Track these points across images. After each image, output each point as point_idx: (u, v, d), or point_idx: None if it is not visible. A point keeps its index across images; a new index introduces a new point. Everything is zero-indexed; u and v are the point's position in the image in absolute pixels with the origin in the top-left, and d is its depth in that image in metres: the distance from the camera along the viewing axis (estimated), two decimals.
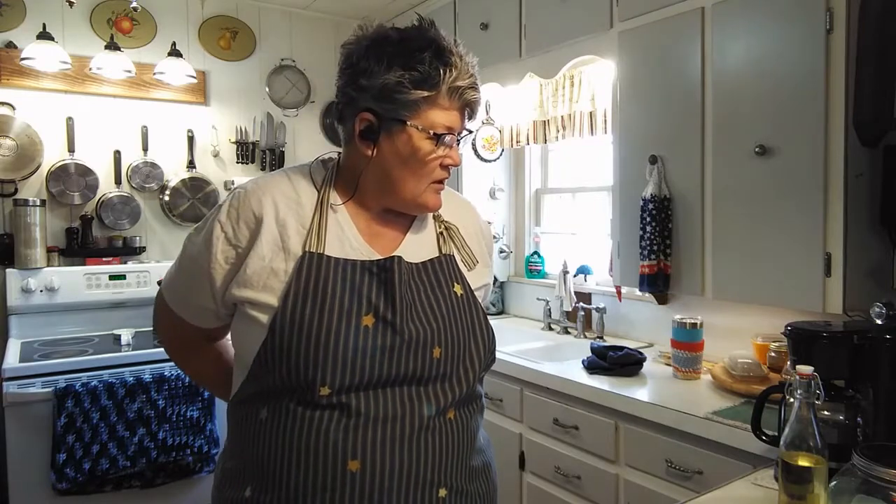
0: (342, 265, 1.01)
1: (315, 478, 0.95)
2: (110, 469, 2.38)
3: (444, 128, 1.01)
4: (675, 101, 2.07)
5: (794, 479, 1.05)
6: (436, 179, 1.05)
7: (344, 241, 1.03)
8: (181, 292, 1.12)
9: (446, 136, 1.02)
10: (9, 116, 2.80)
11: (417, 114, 1.00)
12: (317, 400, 0.95)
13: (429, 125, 1.00)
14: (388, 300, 1.00)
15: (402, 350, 0.99)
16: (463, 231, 1.15)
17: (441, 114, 1.01)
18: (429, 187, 1.05)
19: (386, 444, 0.96)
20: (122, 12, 3.08)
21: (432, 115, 1.00)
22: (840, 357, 1.28)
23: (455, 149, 1.05)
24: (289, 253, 1.00)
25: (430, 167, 1.03)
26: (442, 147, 1.02)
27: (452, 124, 1.02)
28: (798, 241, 1.77)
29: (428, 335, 1.01)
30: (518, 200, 3.36)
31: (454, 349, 1.03)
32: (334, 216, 1.05)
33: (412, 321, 1.00)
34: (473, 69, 1.03)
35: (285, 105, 3.54)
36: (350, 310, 0.98)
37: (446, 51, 1.00)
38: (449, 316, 1.04)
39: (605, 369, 2.13)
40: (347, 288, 0.99)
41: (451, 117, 1.02)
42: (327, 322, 0.96)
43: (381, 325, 0.98)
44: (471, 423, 1.07)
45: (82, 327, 2.94)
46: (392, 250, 1.05)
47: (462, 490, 1.04)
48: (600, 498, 1.99)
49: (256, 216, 1.01)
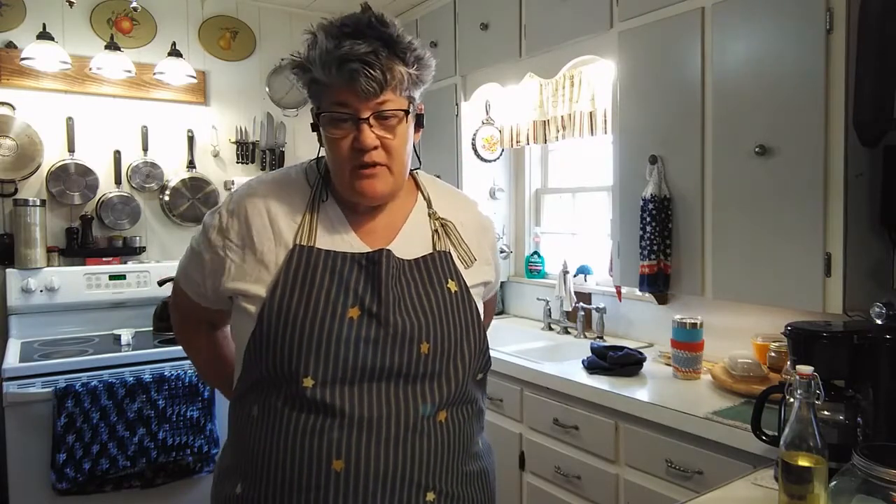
0: (331, 257, 1.01)
1: (301, 476, 0.95)
2: (110, 469, 2.38)
3: (333, 106, 0.98)
4: (675, 101, 2.07)
5: (794, 479, 1.05)
6: (355, 165, 1.00)
7: (335, 234, 1.04)
8: (188, 270, 1.15)
9: (338, 116, 0.98)
10: (9, 116, 2.81)
11: (318, 98, 1.01)
12: (301, 393, 0.95)
13: (324, 107, 0.99)
14: (375, 293, 0.99)
15: (388, 343, 0.98)
16: (460, 228, 1.14)
17: (329, 93, 0.98)
18: (355, 173, 1.00)
19: (371, 444, 0.95)
20: (122, 12, 3.08)
21: (326, 96, 0.99)
22: (840, 357, 1.28)
23: (363, 128, 0.97)
24: (280, 246, 1.02)
25: (342, 151, 0.99)
26: (342, 128, 0.98)
27: (342, 100, 0.97)
28: (798, 241, 1.76)
29: (415, 329, 1.00)
30: (518, 200, 3.35)
31: (444, 346, 1.01)
32: (326, 211, 1.06)
33: (399, 314, 1.00)
34: (373, 42, 0.95)
35: (285, 105, 3.54)
36: (336, 301, 0.98)
37: (318, 30, 0.97)
38: (440, 312, 1.03)
39: (605, 369, 2.13)
40: (335, 280, 0.99)
41: (338, 94, 0.97)
42: (312, 312, 0.96)
43: (366, 317, 0.98)
44: (465, 427, 1.05)
45: (82, 327, 2.94)
46: (384, 245, 1.05)
47: (453, 495, 1.03)
48: (600, 498, 1.99)
49: (249, 212, 1.04)
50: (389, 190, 1.04)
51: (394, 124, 1.00)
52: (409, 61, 0.99)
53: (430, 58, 1.04)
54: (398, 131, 1.01)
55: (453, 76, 3.10)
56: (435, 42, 3.17)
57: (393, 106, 0.99)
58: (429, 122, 3.82)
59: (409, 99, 1.02)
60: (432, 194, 1.16)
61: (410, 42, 0.99)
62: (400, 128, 1.01)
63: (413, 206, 1.13)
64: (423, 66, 1.02)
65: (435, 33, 3.19)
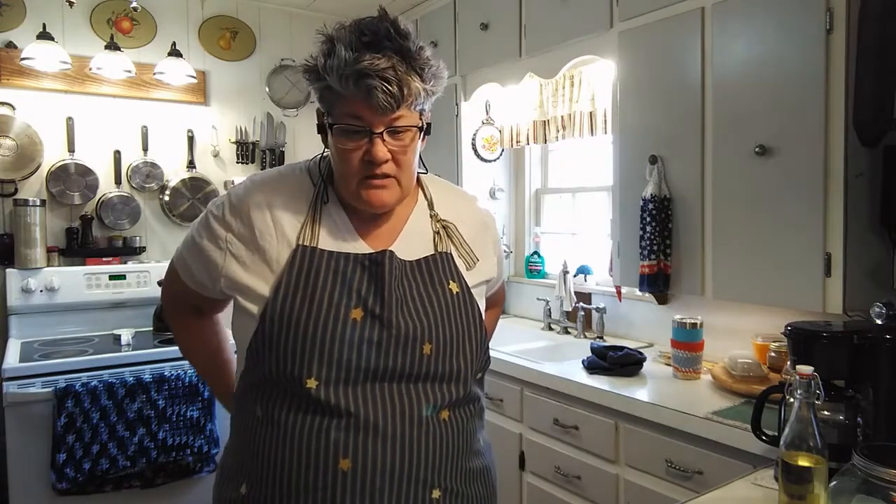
0: (334, 258, 1.01)
1: (307, 476, 0.95)
2: (110, 469, 2.38)
3: (347, 118, 0.97)
4: (675, 100, 2.07)
5: (794, 479, 1.05)
6: (365, 175, 1.00)
7: (337, 235, 1.04)
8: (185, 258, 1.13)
9: (352, 129, 0.97)
10: (9, 116, 2.80)
11: (331, 107, 1.00)
12: (305, 394, 0.96)
13: (337, 118, 0.99)
14: (378, 294, 1.00)
15: (391, 344, 0.98)
16: (462, 228, 1.14)
17: (344, 104, 0.97)
18: (363, 183, 1.00)
19: (377, 443, 0.96)
20: (122, 12, 3.08)
21: (339, 107, 0.98)
22: (840, 357, 1.28)
23: (377, 142, 0.97)
24: (283, 245, 1.02)
25: (352, 163, 0.99)
26: (354, 140, 0.98)
27: (357, 114, 0.96)
28: (798, 241, 1.76)
29: (418, 330, 1.00)
30: (518, 200, 3.35)
31: (446, 346, 1.02)
32: (329, 211, 1.06)
33: (402, 316, 1.00)
34: (392, 56, 0.94)
35: (285, 105, 3.54)
36: (339, 303, 0.98)
37: (336, 38, 0.96)
38: (442, 313, 1.03)
39: (605, 369, 2.13)
40: (338, 281, 1.00)
41: (353, 107, 0.96)
42: (315, 314, 0.97)
43: (369, 318, 0.98)
44: (468, 425, 1.07)
45: (82, 327, 2.94)
46: (386, 246, 1.05)
47: (457, 492, 1.03)
48: (600, 498, 1.99)
49: (252, 209, 1.04)
50: (396, 200, 1.05)
51: (406, 139, 1.00)
52: (427, 77, 0.98)
53: (444, 69, 1.03)
54: (410, 145, 1.01)
55: (453, 76, 3.09)
56: (435, 42, 3.17)
57: (407, 122, 0.99)
58: None
59: (420, 113, 1.02)
60: (434, 194, 1.16)
61: (428, 58, 0.99)
62: (413, 142, 1.01)
63: (414, 206, 1.13)
64: (438, 79, 1.02)
65: (435, 33, 3.19)
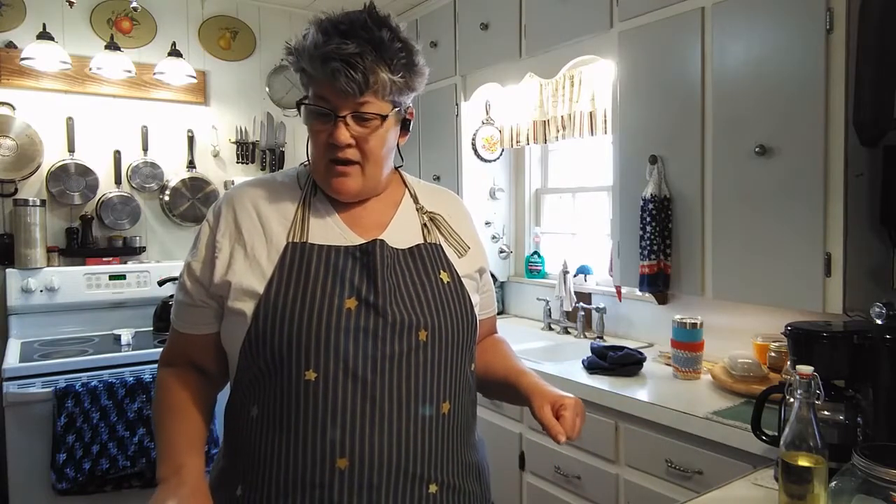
0: (325, 251, 1.02)
1: (304, 474, 0.95)
2: (110, 469, 2.38)
3: (316, 99, 1.00)
4: (675, 101, 2.07)
5: (794, 479, 1.05)
6: (330, 159, 1.02)
7: (327, 228, 1.05)
8: (179, 298, 1.10)
9: (318, 110, 1.00)
10: (9, 116, 2.81)
11: (307, 87, 1.03)
12: (304, 388, 0.95)
13: (309, 100, 1.02)
14: (371, 283, 1.00)
15: (387, 332, 0.98)
16: (449, 219, 1.15)
17: (315, 85, 1.00)
18: (329, 169, 1.03)
19: (374, 439, 0.95)
20: (122, 12, 3.09)
21: (311, 89, 1.02)
22: (840, 357, 1.28)
23: (339, 125, 0.98)
24: (272, 245, 1.02)
25: (318, 145, 1.02)
26: (321, 122, 1.00)
27: (325, 95, 0.99)
28: (798, 241, 1.76)
29: (413, 319, 1.00)
30: (518, 200, 3.35)
31: (441, 334, 1.02)
32: (317, 207, 1.07)
33: (396, 304, 1.00)
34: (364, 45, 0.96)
35: (285, 105, 3.54)
36: (333, 293, 0.98)
37: (317, 24, 1.00)
38: (435, 301, 1.03)
39: (605, 369, 2.13)
40: (331, 273, 1.00)
41: (321, 88, 0.99)
42: (309, 305, 0.97)
43: (363, 307, 0.98)
44: (466, 417, 1.07)
45: (82, 327, 2.94)
46: (376, 235, 1.06)
47: (454, 486, 1.04)
48: (600, 498, 1.99)
49: (238, 212, 1.05)
50: (359, 189, 1.05)
51: (372, 126, 1.01)
52: (395, 68, 0.99)
53: (423, 66, 1.04)
54: (376, 134, 1.02)
55: (453, 76, 3.10)
56: (435, 42, 3.17)
57: (373, 109, 1.00)
58: (429, 122, 3.81)
59: (393, 104, 1.02)
60: (416, 189, 1.18)
61: (400, 49, 0.99)
62: (378, 130, 1.02)
63: (402, 199, 1.14)
64: (413, 73, 1.02)
65: (435, 33, 3.19)
